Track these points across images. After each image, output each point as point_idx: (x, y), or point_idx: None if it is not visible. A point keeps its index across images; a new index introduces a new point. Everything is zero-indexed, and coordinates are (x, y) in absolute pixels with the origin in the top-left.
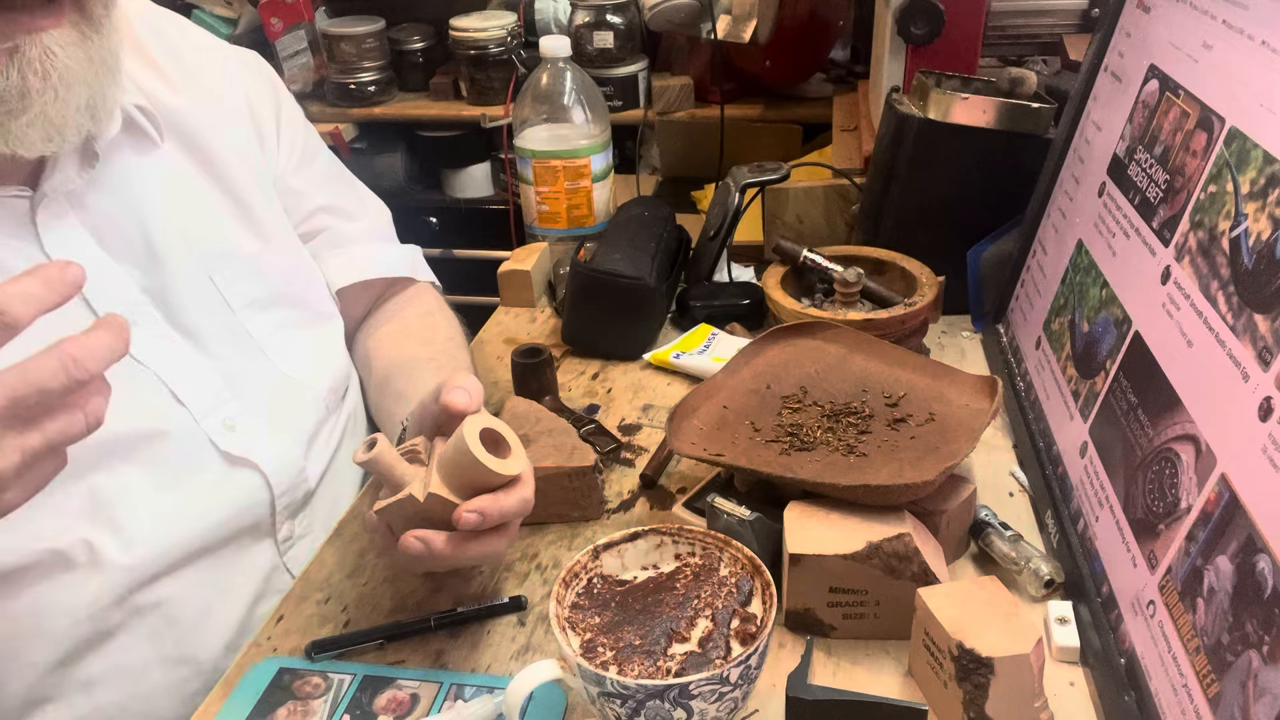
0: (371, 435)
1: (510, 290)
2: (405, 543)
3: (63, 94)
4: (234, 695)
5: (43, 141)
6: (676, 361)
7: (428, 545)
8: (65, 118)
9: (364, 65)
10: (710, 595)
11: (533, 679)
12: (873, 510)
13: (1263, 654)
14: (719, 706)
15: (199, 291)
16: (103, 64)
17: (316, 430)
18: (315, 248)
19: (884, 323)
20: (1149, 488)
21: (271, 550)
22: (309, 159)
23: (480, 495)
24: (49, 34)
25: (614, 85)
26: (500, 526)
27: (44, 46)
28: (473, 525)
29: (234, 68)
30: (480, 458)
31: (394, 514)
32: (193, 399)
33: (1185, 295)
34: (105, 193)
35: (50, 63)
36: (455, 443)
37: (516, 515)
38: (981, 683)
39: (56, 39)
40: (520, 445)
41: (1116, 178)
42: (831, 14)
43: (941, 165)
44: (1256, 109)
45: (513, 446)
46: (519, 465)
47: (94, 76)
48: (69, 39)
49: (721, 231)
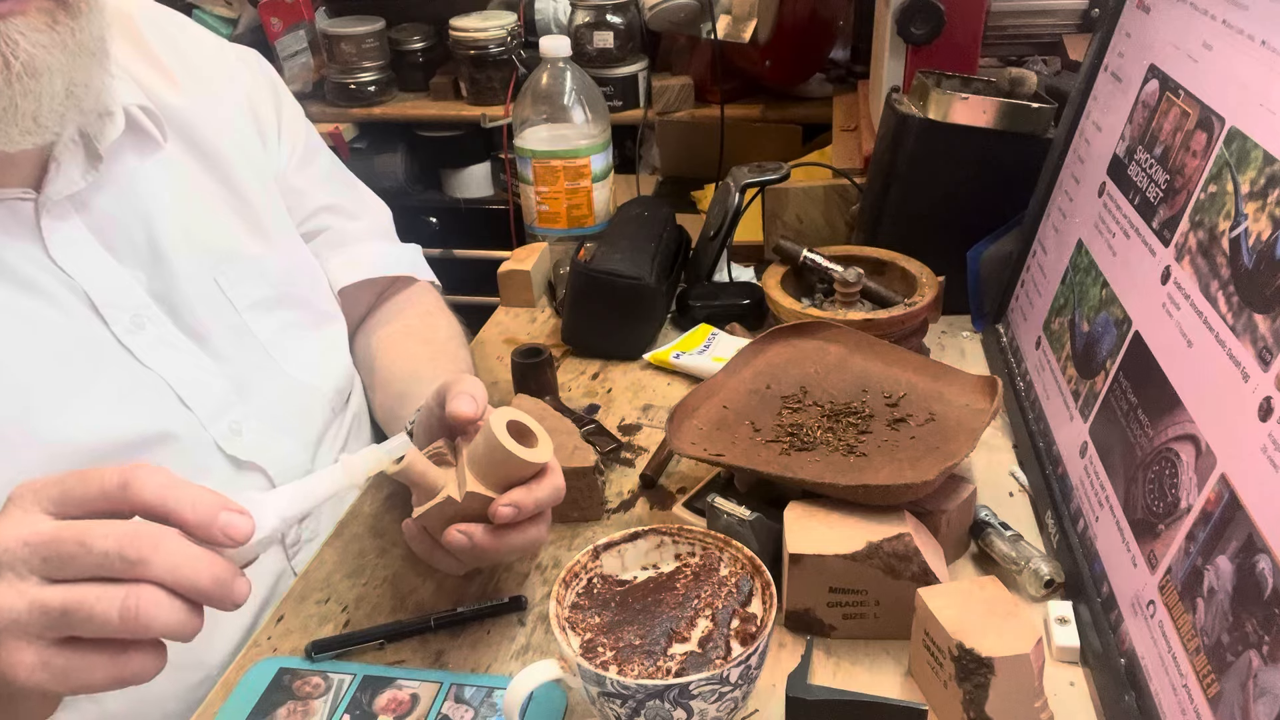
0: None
1: (510, 290)
2: (450, 537)
3: (30, 84)
4: (234, 695)
5: (21, 134)
6: (676, 361)
7: (470, 538)
8: (40, 108)
9: (364, 65)
10: (710, 595)
11: (533, 679)
12: (873, 510)
13: (1263, 654)
14: (719, 706)
15: (204, 293)
16: (82, 49)
17: (322, 433)
18: (316, 247)
19: (884, 323)
20: (1149, 488)
21: (279, 555)
22: (310, 158)
23: (514, 488)
24: (9, 21)
25: (614, 85)
26: (536, 516)
27: (2, 35)
28: (509, 519)
29: (235, 66)
30: (513, 449)
31: (433, 518)
32: (199, 403)
33: (1185, 295)
34: (110, 195)
35: (12, 51)
36: (485, 439)
37: (550, 503)
38: (981, 683)
39: (18, 26)
40: (545, 433)
41: (1116, 178)
42: (831, 14)
43: (941, 165)
44: (1256, 109)
45: (538, 435)
46: (547, 453)
47: (70, 63)
48: (33, 26)
49: (721, 231)
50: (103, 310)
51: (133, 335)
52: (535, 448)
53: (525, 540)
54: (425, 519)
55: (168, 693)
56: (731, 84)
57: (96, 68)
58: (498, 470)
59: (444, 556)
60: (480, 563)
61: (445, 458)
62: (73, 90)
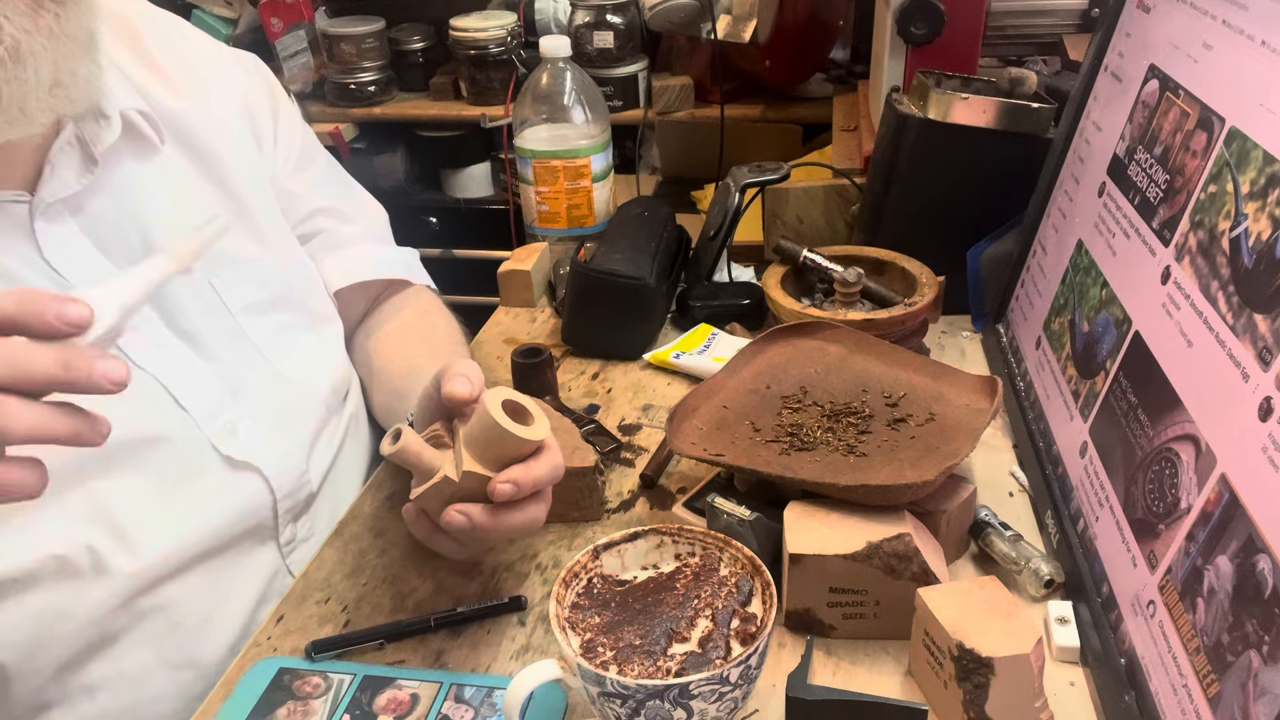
0: (396, 427)
1: (510, 290)
2: (448, 517)
3: (15, 70)
4: (234, 695)
5: (7, 124)
6: (676, 361)
7: (469, 518)
8: (26, 96)
9: (364, 65)
10: (710, 595)
11: (533, 679)
12: (873, 510)
13: (1263, 654)
14: (719, 706)
15: (198, 295)
16: (68, 38)
17: (318, 433)
18: (312, 250)
19: (884, 323)
20: (1149, 488)
21: (274, 553)
22: (306, 161)
23: (511, 466)
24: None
25: (614, 85)
26: (535, 495)
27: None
28: (508, 496)
29: (232, 69)
30: (508, 426)
31: (431, 499)
32: (194, 404)
33: (1185, 295)
34: (104, 197)
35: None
36: (480, 418)
37: (549, 481)
38: (981, 683)
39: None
40: (541, 412)
41: (1116, 178)
42: (831, 14)
43: (941, 165)
44: (1256, 109)
45: (534, 413)
46: (544, 430)
47: (57, 51)
48: (17, 9)
49: (721, 231)
50: None
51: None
52: (531, 425)
53: (525, 519)
54: (423, 500)
55: (162, 691)
56: (731, 84)
57: (85, 58)
58: (494, 448)
59: (443, 539)
60: (480, 544)
61: (443, 440)
62: (60, 80)
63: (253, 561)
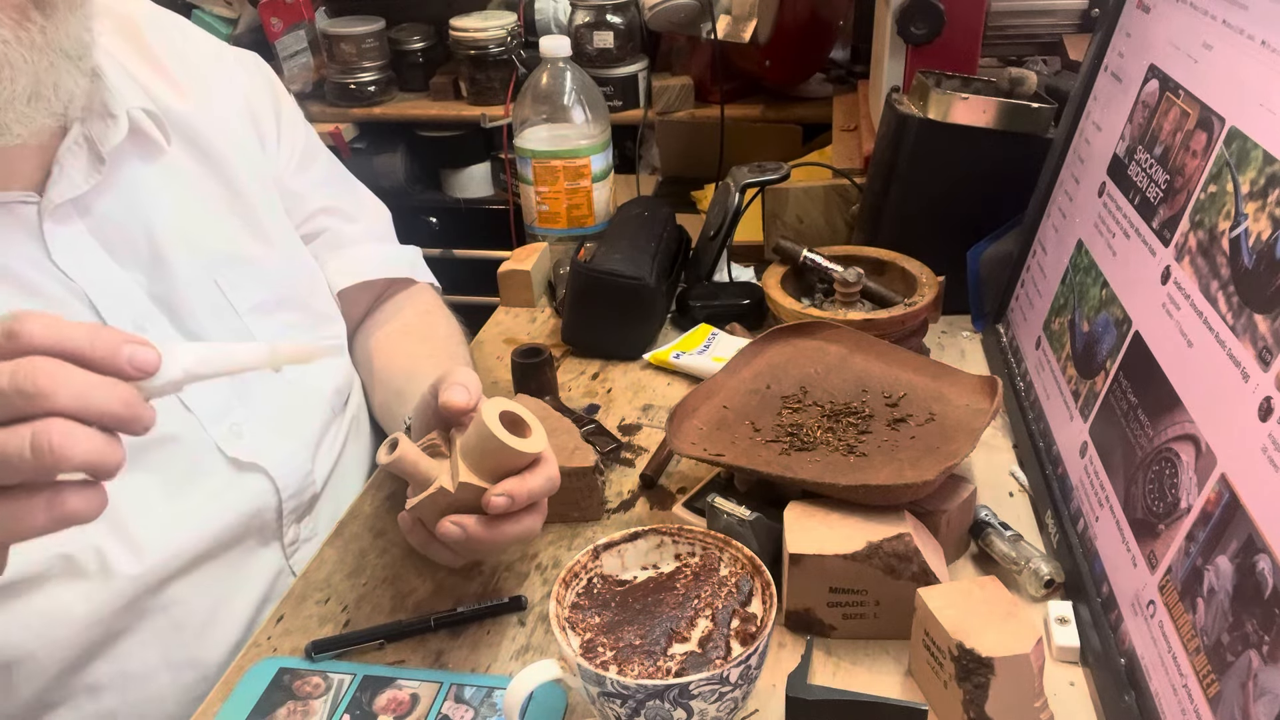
0: (392, 436)
1: (510, 290)
2: (443, 528)
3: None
4: (234, 695)
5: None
6: (676, 361)
7: (464, 529)
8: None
9: (364, 65)
10: (710, 595)
11: (533, 679)
12: (873, 510)
13: (1263, 654)
14: (719, 706)
15: (204, 296)
16: (54, 51)
17: (322, 433)
18: (315, 249)
19: (884, 323)
20: (1149, 488)
21: (278, 554)
22: (309, 161)
23: (507, 478)
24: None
25: (614, 85)
26: (531, 506)
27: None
28: (502, 509)
29: (234, 69)
30: (504, 439)
31: (427, 509)
32: (200, 405)
33: (1185, 295)
34: (112, 198)
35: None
36: (477, 429)
37: (544, 494)
38: (981, 683)
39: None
40: (539, 424)
41: (1116, 178)
42: (831, 14)
43: (941, 165)
44: (1256, 109)
45: (532, 426)
46: (540, 443)
47: (39, 64)
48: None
49: (721, 231)
50: (104, 313)
51: None
52: (528, 438)
53: (519, 530)
54: (419, 510)
55: (165, 691)
56: (731, 84)
57: (71, 69)
58: (490, 460)
59: (439, 548)
60: (475, 554)
61: (440, 449)
62: (39, 92)
63: (256, 562)
